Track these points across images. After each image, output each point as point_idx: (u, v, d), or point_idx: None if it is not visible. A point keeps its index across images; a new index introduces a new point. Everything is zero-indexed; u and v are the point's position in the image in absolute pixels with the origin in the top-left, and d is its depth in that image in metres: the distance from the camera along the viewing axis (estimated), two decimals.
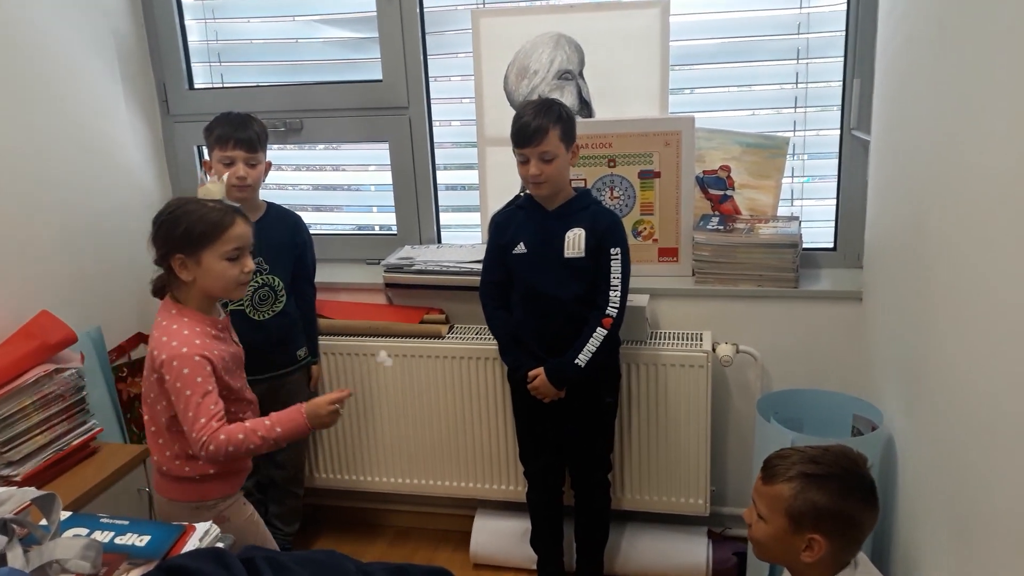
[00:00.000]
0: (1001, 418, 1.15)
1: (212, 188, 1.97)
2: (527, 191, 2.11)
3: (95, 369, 2.30)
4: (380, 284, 2.49)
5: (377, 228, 2.81)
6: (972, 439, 1.29)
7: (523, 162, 1.97)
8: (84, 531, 1.22)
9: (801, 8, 2.26)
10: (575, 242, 2.02)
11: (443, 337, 2.39)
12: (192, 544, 1.21)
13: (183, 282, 1.72)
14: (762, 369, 2.29)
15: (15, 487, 1.27)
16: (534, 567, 2.36)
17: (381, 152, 2.64)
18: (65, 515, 1.24)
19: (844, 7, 2.22)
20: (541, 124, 1.93)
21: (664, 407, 2.25)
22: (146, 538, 1.22)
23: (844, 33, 2.23)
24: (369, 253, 2.67)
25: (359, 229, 2.81)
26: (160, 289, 1.80)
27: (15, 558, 1.05)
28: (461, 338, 2.39)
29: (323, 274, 2.47)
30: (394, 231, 2.68)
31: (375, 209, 2.82)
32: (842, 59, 2.26)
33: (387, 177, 2.64)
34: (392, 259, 2.46)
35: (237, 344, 1.86)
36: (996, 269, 1.18)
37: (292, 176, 2.81)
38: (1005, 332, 1.13)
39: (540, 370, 2.03)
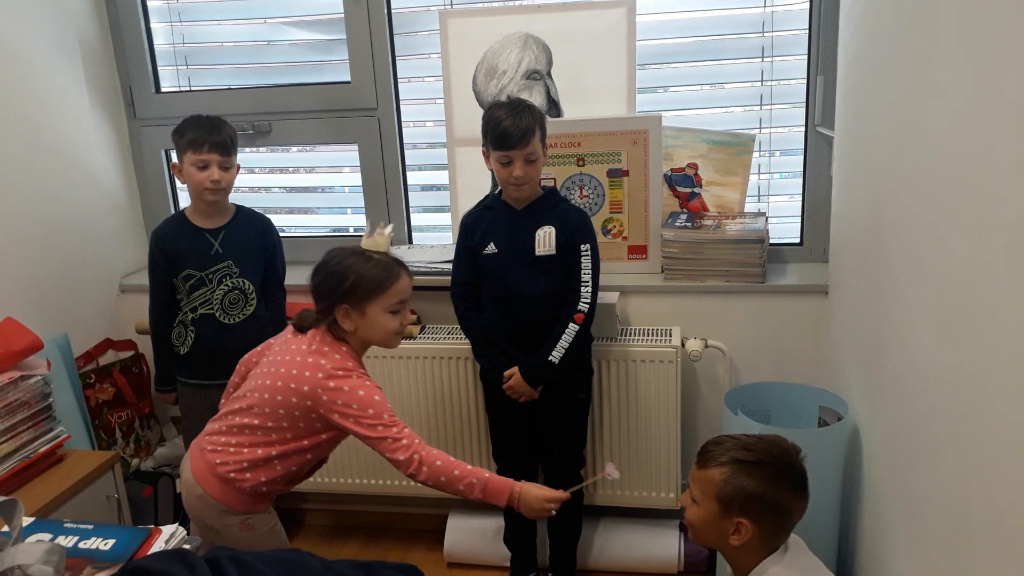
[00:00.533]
0: (960, 407, 1.17)
1: (379, 240, 2.07)
2: (497, 191, 2.12)
3: (62, 376, 2.28)
4: None
5: (352, 230, 2.80)
6: (932, 428, 1.31)
7: (506, 164, 1.97)
8: (47, 537, 1.21)
9: (765, 7, 2.29)
10: (546, 240, 2.03)
11: (415, 337, 2.40)
12: (158, 547, 1.21)
13: (343, 329, 1.77)
14: (730, 363, 2.32)
15: None
16: (507, 564, 2.37)
17: (354, 154, 2.64)
18: (27, 521, 1.23)
19: (807, 6, 2.25)
20: (529, 125, 1.94)
21: (635, 403, 2.26)
22: (111, 542, 1.21)
23: (807, 31, 2.27)
24: None
25: (334, 231, 2.80)
26: (304, 327, 1.83)
27: None
28: (433, 338, 2.39)
29: (294, 276, 2.44)
30: (355, 232, 2.67)
31: (349, 211, 2.82)
32: (806, 57, 2.29)
33: (341, 179, 2.65)
34: None
35: None
36: (952, 262, 1.20)
37: (264, 179, 2.79)
38: (962, 323, 1.16)
39: (515, 370, 2.04)
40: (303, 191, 2.84)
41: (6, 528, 1.14)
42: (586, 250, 2.04)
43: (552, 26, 2.36)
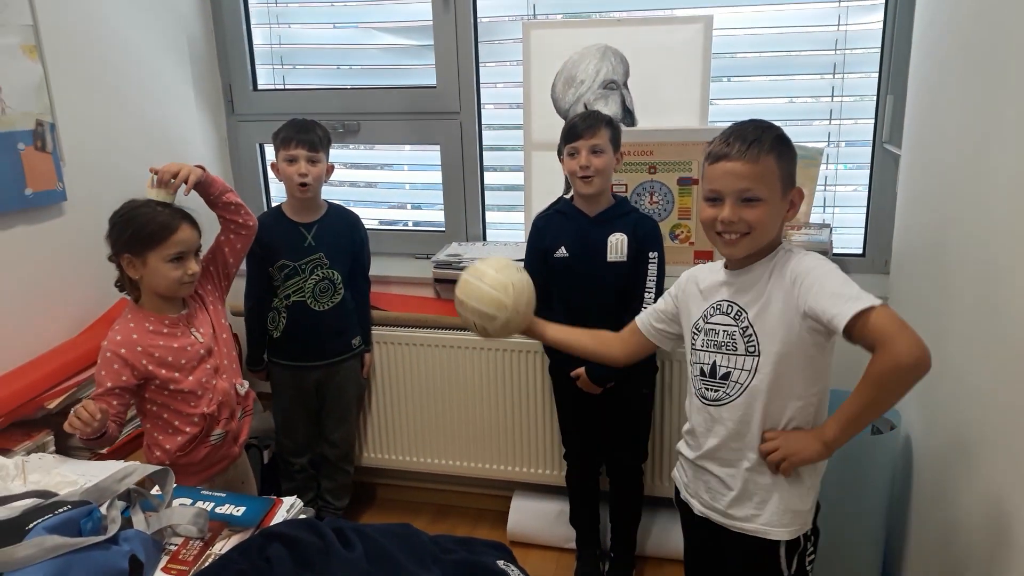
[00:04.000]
0: (1016, 424, 1.25)
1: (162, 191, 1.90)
2: (569, 195, 2.23)
3: None
4: (428, 278, 2.63)
5: (410, 224, 2.96)
6: (987, 443, 1.40)
7: (573, 156, 2.09)
8: (188, 501, 1.39)
9: (839, 26, 2.36)
10: (618, 247, 2.14)
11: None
12: (281, 515, 1.38)
13: (132, 279, 1.85)
14: None
15: (132, 463, 1.44)
16: (567, 546, 2.51)
17: (419, 153, 2.80)
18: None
19: (880, 26, 2.32)
20: (594, 120, 2.08)
21: None
22: (242, 508, 1.38)
23: (879, 51, 2.34)
24: (417, 248, 2.83)
25: (381, 224, 2.93)
26: (123, 285, 1.90)
27: (139, 522, 1.23)
28: None
29: (375, 267, 2.61)
30: (433, 227, 2.85)
31: (408, 206, 2.99)
32: (876, 76, 2.36)
33: (422, 176, 2.82)
34: (442, 255, 2.60)
35: (201, 339, 1.92)
36: (1014, 280, 1.29)
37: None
38: (1021, 341, 1.24)
39: (581, 370, 2.17)
40: (366, 186, 2.97)
41: (159, 492, 1.32)
42: (654, 258, 2.15)
43: (631, 39, 2.46)
